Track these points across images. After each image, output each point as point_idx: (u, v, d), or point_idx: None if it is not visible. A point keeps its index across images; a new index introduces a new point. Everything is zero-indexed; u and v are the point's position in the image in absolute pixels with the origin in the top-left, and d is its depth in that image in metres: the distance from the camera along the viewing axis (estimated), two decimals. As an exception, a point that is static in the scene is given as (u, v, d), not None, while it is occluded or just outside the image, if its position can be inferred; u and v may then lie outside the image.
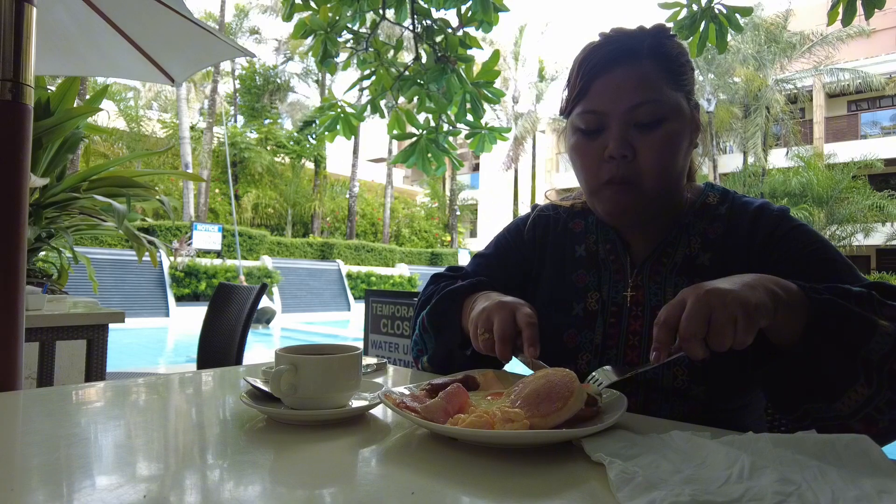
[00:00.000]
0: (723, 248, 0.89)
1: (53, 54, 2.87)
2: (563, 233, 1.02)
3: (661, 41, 0.87)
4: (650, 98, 0.83)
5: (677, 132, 0.85)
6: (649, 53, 0.85)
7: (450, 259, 22.06)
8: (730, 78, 21.20)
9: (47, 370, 2.15)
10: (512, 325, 0.77)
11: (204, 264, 13.29)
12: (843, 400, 0.67)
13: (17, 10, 1.31)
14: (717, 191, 0.96)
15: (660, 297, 0.88)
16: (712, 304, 0.62)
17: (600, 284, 0.93)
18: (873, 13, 2.55)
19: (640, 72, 0.84)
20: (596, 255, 0.96)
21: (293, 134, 23.75)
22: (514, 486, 0.48)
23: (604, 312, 0.91)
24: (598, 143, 0.86)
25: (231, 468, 0.52)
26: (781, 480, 0.44)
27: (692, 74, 0.90)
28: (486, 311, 0.80)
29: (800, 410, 0.70)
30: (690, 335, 0.62)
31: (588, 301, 0.93)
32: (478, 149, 3.16)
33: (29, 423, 0.66)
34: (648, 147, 0.83)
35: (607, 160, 0.84)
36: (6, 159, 1.29)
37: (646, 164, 0.83)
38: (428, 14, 3.05)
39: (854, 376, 0.66)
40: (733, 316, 0.62)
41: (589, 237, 0.99)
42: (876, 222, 17.76)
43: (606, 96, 0.85)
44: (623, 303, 0.91)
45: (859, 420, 0.67)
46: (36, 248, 2.83)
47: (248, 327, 2.52)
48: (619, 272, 0.93)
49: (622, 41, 0.86)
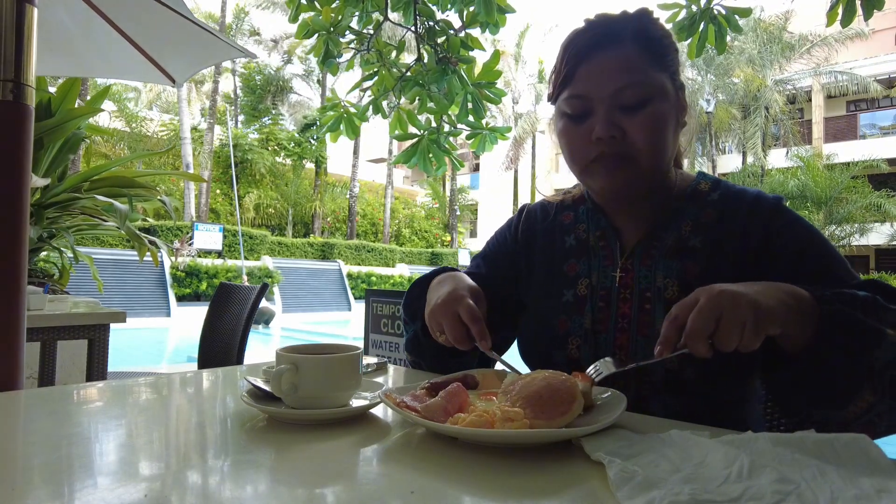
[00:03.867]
0: (716, 232, 0.89)
1: (54, 55, 2.88)
2: (552, 225, 1.02)
3: (644, 24, 0.88)
4: (634, 80, 0.84)
5: (663, 112, 0.85)
6: (632, 37, 0.86)
7: (450, 259, 22.05)
8: (729, 78, 21.20)
9: (48, 370, 2.15)
10: (459, 324, 0.82)
11: (205, 264, 13.29)
12: (849, 408, 0.68)
13: (18, 10, 1.31)
14: (708, 179, 0.96)
15: (650, 280, 0.88)
16: (723, 305, 0.63)
17: (590, 271, 0.94)
18: (872, 14, 2.55)
19: (623, 55, 0.85)
20: (586, 242, 0.96)
21: (294, 136, 23.75)
22: (514, 486, 0.48)
23: (593, 297, 0.91)
24: (586, 127, 0.86)
25: (231, 468, 0.52)
26: (780, 480, 0.44)
27: (676, 55, 0.90)
28: (434, 313, 0.84)
29: (804, 415, 0.72)
30: (697, 333, 0.63)
31: (578, 287, 0.93)
32: (479, 149, 3.17)
33: (30, 423, 0.66)
34: (636, 127, 0.83)
35: (595, 142, 0.85)
36: (7, 159, 1.29)
37: (637, 143, 0.84)
38: (431, 15, 3.05)
39: (860, 384, 0.67)
40: (742, 319, 0.62)
41: (579, 227, 0.99)
42: (875, 222, 17.74)
43: (591, 81, 0.85)
44: (612, 286, 0.91)
45: (861, 425, 0.68)
46: (37, 248, 2.83)
47: (249, 327, 2.52)
48: (609, 258, 0.93)
49: (605, 26, 0.87)
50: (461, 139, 3.34)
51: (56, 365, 2.16)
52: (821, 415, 0.71)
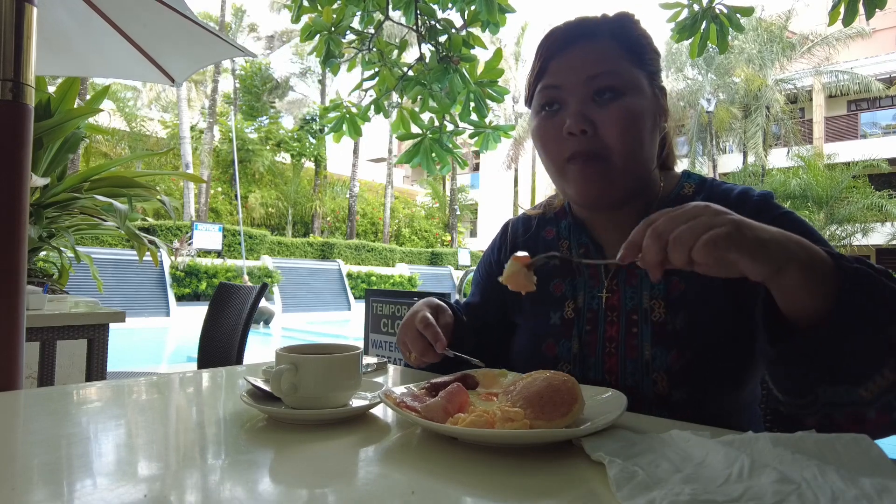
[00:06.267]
0: None
1: (53, 54, 2.88)
2: (535, 241, 1.00)
3: (623, 23, 0.86)
4: (607, 69, 0.82)
5: (638, 108, 0.82)
6: (608, 33, 0.85)
7: (450, 259, 22.05)
8: (730, 77, 21.20)
9: (48, 370, 2.15)
10: (419, 338, 0.86)
11: (204, 264, 13.29)
12: (867, 385, 0.59)
13: (18, 10, 1.31)
14: (693, 180, 0.91)
15: (635, 302, 0.85)
16: (699, 214, 0.57)
17: (575, 291, 0.91)
18: (874, 13, 2.55)
19: (597, 47, 0.84)
20: (570, 261, 0.94)
21: (293, 133, 23.76)
22: (514, 486, 0.48)
23: (579, 320, 0.89)
24: (557, 121, 0.84)
25: (231, 468, 0.52)
26: (781, 480, 0.44)
27: (656, 57, 0.88)
28: (398, 337, 0.90)
29: (812, 394, 0.62)
30: (657, 234, 0.58)
31: (565, 310, 0.91)
32: (483, 147, 3.17)
33: (30, 423, 0.66)
34: (608, 122, 0.81)
35: (567, 137, 0.82)
36: (7, 159, 1.29)
37: (608, 139, 0.81)
38: (433, 14, 3.05)
39: (881, 358, 0.59)
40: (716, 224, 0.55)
41: (562, 243, 0.96)
42: (876, 222, 17.74)
43: (564, 71, 0.84)
44: (599, 308, 0.88)
45: (877, 408, 0.60)
46: (37, 248, 2.83)
47: (249, 327, 2.52)
48: (595, 277, 0.90)
49: (582, 24, 0.86)
50: (464, 138, 3.35)
51: (55, 365, 2.16)
52: (830, 394, 0.61)
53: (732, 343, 0.80)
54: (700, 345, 0.80)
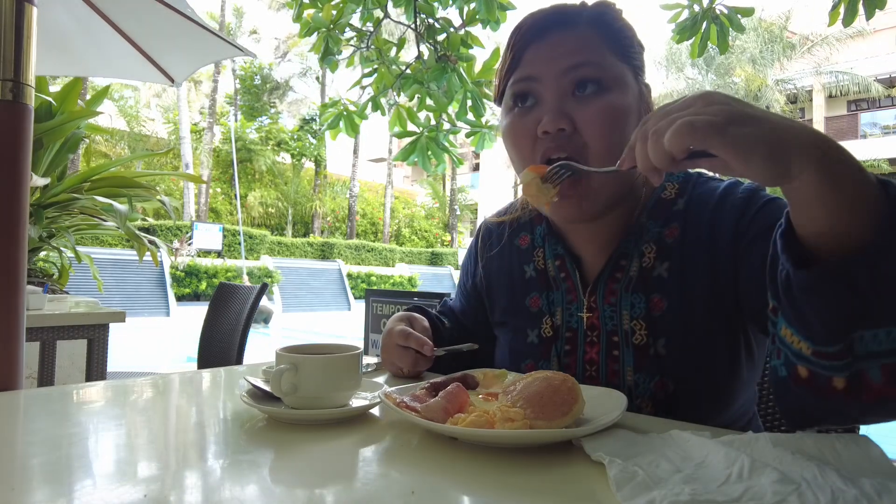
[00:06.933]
0: (681, 256, 0.76)
1: (54, 54, 2.88)
2: (509, 250, 0.94)
3: (605, 11, 0.78)
4: (588, 60, 0.73)
5: (622, 106, 0.74)
6: (590, 22, 0.76)
7: (450, 259, 22.05)
8: (730, 78, 21.21)
9: (48, 370, 2.15)
10: (405, 351, 0.85)
11: (204, 264, 13.30)
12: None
13: (18, 10, 1.31)
14: (675, 179, 0.82)
15: (615, 321, 0.78)
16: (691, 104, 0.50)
17: (552, 308, 0.85)
18: (874, 13, 2.55)
19: (577, 35, 0.75)
20: (545, 273, 0.87)
21: (293, 133, 23.76)
22: (514, 486, 0.48)
23: (558, 340, 0.83)
24: (532, 119, 0.75)
25: (231, 468, 0.52)
26: (781, 480, 0.44)
27: (641, 53, 0.80)
28: (383, 360, 0.90)
29: (847, 339, 0.50)
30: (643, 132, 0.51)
31: (543, 328, 0.85)
32: (479, 146, 3.18)
33: (30, 423, 0.66)
34: (589, 120, 0.72)
35: (542, 136, 0.74)
36: (7, 159, 1.29)
37: (588, 139, 0.73)
38: (432, 12, 3.05)
39: None
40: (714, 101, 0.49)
41: (537, 253, 0.89)
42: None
43: (539, 61, 0.75)
44: (578, 327, 0.82)
45: None
46: (37, 248, 2.83)
47: (249, 327, 2.52)
48: (572, 292, 0.84)
49: (559, 11, 0.77)
50: (461, 137, 3.35)
51: (55, 365, 2.16)
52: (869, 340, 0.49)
53: (718, 363, 0.76)
54: (684, 370, 0.75)
